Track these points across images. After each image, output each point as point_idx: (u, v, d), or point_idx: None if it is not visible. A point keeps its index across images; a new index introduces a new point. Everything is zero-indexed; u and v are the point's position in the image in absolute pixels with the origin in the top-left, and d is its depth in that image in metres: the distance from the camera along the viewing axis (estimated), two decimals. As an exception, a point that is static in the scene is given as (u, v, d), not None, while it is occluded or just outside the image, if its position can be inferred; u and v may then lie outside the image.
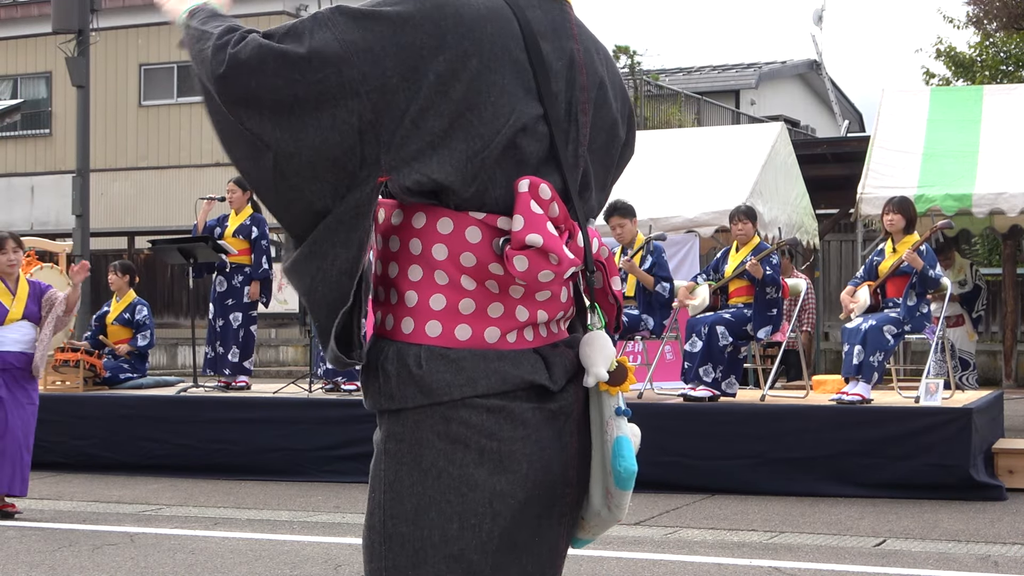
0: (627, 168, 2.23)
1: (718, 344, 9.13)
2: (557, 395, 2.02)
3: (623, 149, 2.21)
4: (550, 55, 2.01)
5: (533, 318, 2.01)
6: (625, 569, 6.48)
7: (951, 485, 8.41)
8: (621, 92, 2.18)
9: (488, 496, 1.97)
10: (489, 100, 1.93)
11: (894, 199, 9.48)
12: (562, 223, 1.98)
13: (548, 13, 2.05)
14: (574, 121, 2.04)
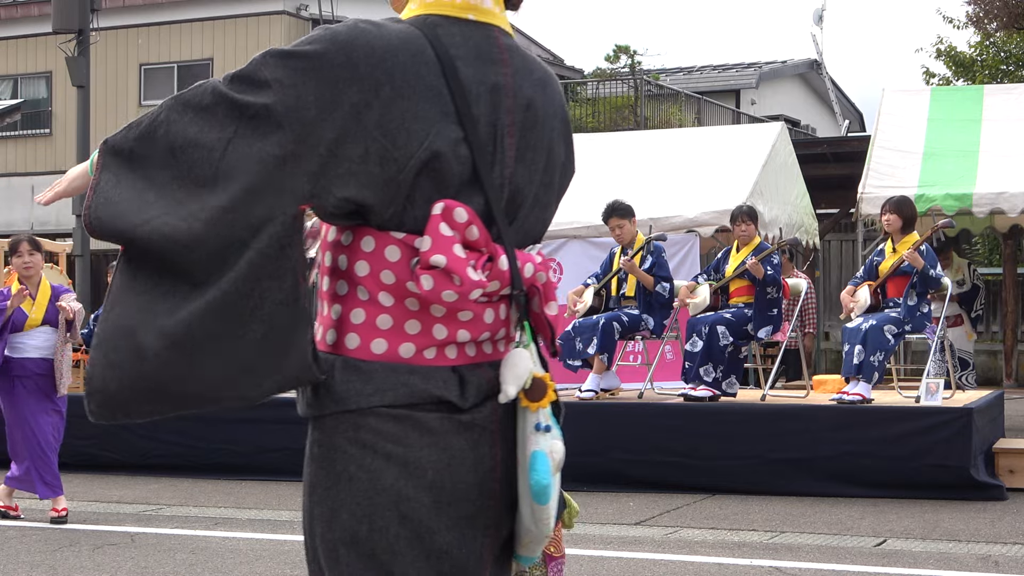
0: (628, 168, 2.25)
1: (718, 344, 9.12)
2: (471, 409, 2.09)
3: (563, 168, 2.27)
4: (470, 79, 2.08)
5: (452, 337, 2.08)
6: (625, 569, 6.48)
7: (952, 485, 8.41)
8: (560, 113, 2.24)
9: (394, 499, 2.05)
10: (403, 126, 2.02)
11: (891, 199, 9.47)
12: (482, 246, 2.05)
13: (471, 39, 2.13)
14: (500, 143, 2.10)
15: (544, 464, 2.04)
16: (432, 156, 2.03)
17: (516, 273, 2.09)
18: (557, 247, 12.40)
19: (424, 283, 2.01)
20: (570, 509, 2.37)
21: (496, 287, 2.07)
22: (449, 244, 2.01)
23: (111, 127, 24.84)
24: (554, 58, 30.94)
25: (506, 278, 2.08)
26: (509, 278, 2.08)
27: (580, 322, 9.57)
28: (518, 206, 2.15)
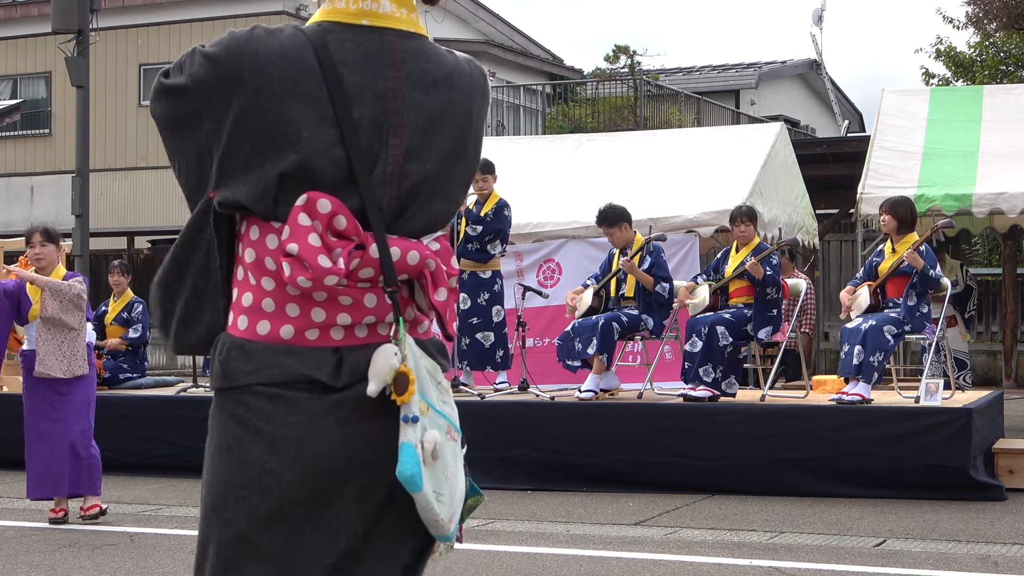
0: (627, 168, 2.27)
1: (718, 344, 9.12)
2: (345, 388, 2.22)
3: (469, 160, 2.41)
4: (355, 84, 2.23)
5: (333, 320, 2.23)
6: (625, 569, 6.49)
7: (951, 485, 8.41)
8: (468, 106, 2.36)
9: (259, 472, 2.21)
10: (279, 130, 2.19)
11: (888, 200, 9.47)
12: (352, 234, 2.20)
13: (362, 44, 2.26)
14: (384, 144, 2.25)
15: (409, 455, 2.14)
16: (302, 158, 2.20)
17: (388, 261, 2.23)
18: (557, 247, 12.41)
19: (285, 269, 2.17)
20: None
21: (370, 274, 2.22)
22: (304, 233, 2.16)
23: (110, 127, 24.94)
24: (554, 58, 30.93)
25: (378, 264, 2.22)
26: (380, 267, 2.22)
27: (579, 322, 9.57)
28: (411, 199, 2.29)
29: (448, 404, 2.31)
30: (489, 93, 2.44)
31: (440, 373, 2.29)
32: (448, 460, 2.23)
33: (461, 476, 2.31)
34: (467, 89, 2.36)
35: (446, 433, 2.24)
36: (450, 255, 2.34)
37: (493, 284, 10.51)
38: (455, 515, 2.26)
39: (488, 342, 10.47)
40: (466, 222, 10.34)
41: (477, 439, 9.31)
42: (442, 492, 2.20)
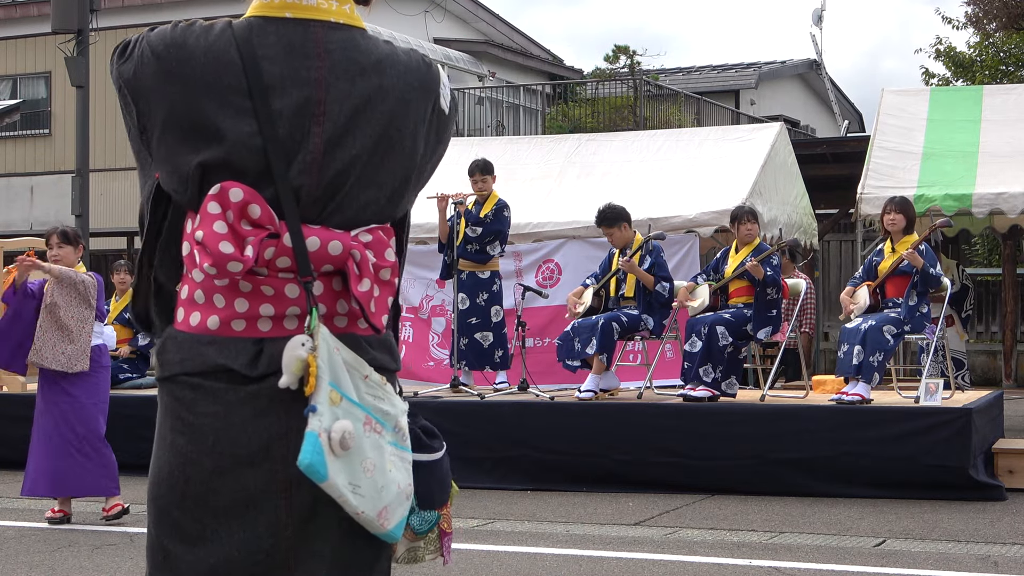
0: (627, 168, 2.25)
1: (718, 344, 9.12)
2: (262, 379, 2.24)
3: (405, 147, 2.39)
4: (275, 76, 2.28)
5: (256, 310, 2.26)
6: (625, 569, 6.49)
7: (951, 485, 8.41)
8: (401, 94, 2.36)
9: (182, 460, 2.26)
10: (200, 122, 2.26)
11: (895, 199, 9.47)
12: (267, 223, 2.23)
13: (286, 36, 2.31)
14: (306, 133, 2.28)
15: (311, 444, 2.13)
16: (222, 150, 2.25)
17: (302, 251, 2.25)
18: (556, 247, 12.40)
19: (197, 257, 2.22)
20: (453, 487, 2.51)
21: (287, 263, 2.24)
22: (211, 221, 2.21)
23: (110, 127, 24.93)
24: (553, 58, 30.94)
25: (291, 255, 2.25)
26: (295, 256, 2.24)
27: (579, 322, 9.57)
28: (336, 188, 2.30)
29: (383, 400, 2.28)
30: (436, 84, 2.43)
31: (367, 367, 2.27)
32: (367, 452, 2.20)
33: (398, 472, 2.27)
34: (400, 77, 2.37)
35: (364, 425, 2.22)
36: (385, 247, 2.34)
37: (492, 284, 10.51)
38: (389, 511, 2.24)
39: (487, 342, 10.47)
40: (466, 223, 10.34)
41: (477, 439, 9.38)
42: (359, 484, 2.18)
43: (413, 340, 12.78)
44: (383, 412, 2.28)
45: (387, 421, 2.29)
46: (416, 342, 12.78)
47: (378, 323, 2.32)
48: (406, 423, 2.36)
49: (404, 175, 2.40)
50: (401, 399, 2.37)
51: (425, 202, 11.22)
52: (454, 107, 2.51)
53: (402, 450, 2.31)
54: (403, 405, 2.36)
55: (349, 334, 2.30)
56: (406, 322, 12.79)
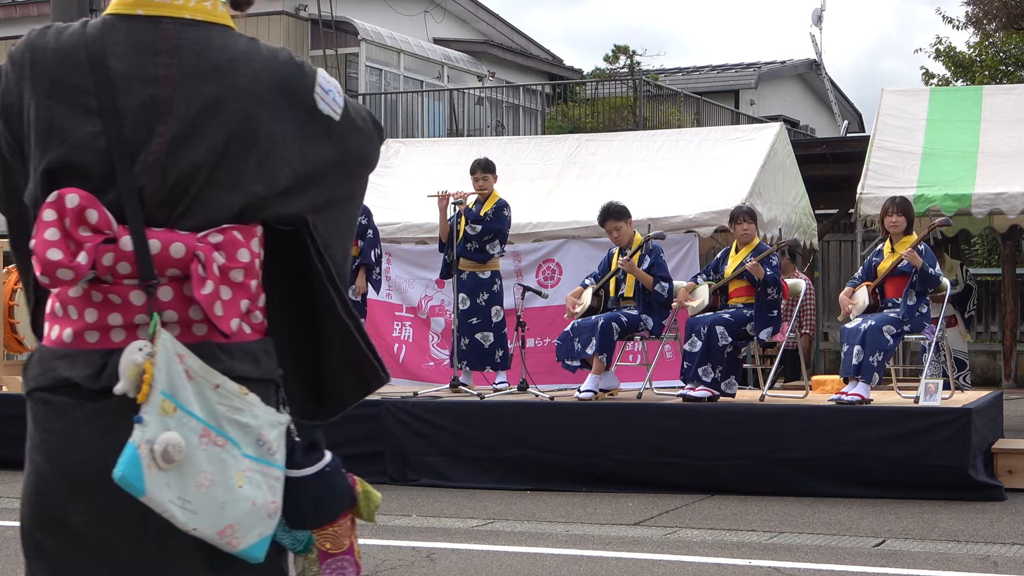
0: (627, 168, 2.17)
1: (717, 344, 9.12)
2: (108, 393, 2.14)
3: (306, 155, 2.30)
4: (122, 74, 2.21)
5: (104, 320, 2.19)
6: (624, 569, 6.48)
7: (950, 485, 8.41)
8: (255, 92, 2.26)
9: (38, 479, 2.21)
10: (51, 125, 2.20)
11: (896, 199, 9.46)
12: (104, 228, 2.15)
13: (135, 34, 2.25)
14: (151, 133, 2.21)
15: (127, 456, 2.04)
16: (65, 152, 2.19)
17: (143, 255, 2.16)
18: (556, 247, 12.41)
19: (35, 267, 2.14)
20: (367, 502, 2.38)
21: (128, 269, 2.16)
22: (44, 229, 2.12)
23: (110, 127, 24.92)
24: (553, 58, 30.94)
25: (132, 259, 2.17)
26: (136, 260, 2.17)
27: (579, 322, 9.57)
28: (183, 190, 2.21)
29: (241, 411, 2.16)
30: (308, 85, 2.32)
31: (218, 376, 2.15)
32: (202, 466, 2.09)
33: (255, 488, 2.15)
34: (256, 76, 2.27)
35: (200, 437, 2.10)
36: (238, 247, 2.23)
37: (492, 284, 10.51)
38: (237, 530, 2.13)
39: (487, 342, 10.47)
40: (465, 221, 10.35)
41: (476, 439, 9.39)
42: (189, 500, 2.08)
43: (413, 340, 12.78)
44: (240, 424, 2.16)
45: (245, 433, 2.16)
46: (416, 342, 12.79)
47: (225, 328, 2.19)
48: (277, 435, 2.22)
49: (264, 175, 2.27)
50: (278, 410, 2.24)
51: (424, 202, 11.24)
52: (350, 110, 2.38)
53: (266, 464, 2.19)
54: (273, 417, 2.22)
55: (206, 342, 2.20)
56: (406, 322, 12.80)
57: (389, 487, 9.39)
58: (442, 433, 9.47)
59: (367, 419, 9.70)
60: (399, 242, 12.87)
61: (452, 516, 8.22)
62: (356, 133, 2.40)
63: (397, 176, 13.88)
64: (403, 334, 12.85)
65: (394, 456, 9.57)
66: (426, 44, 26.73)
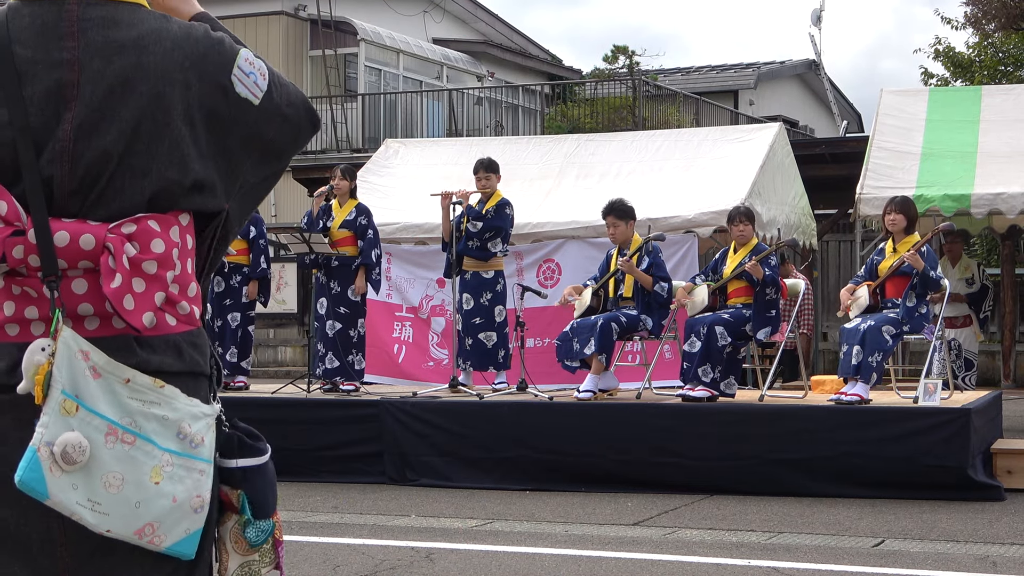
0: (626, 168, 2.13)
1: (717, 344, 9.12)
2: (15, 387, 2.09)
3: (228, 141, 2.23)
4: (26, 60, 2.14)
5: (21, 314, 2.13)
6: (623, 569, 6.49)
7: (950, 485, 8.41)
8: (167, 74, 2.18)
9: None
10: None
11: (895, 199, 9.46)
12: (13, 220, 2.09)
13: (39, 17, 2.17)
14: (58, 120, 2.13)
15: (27, 460, 2.00)
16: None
17: (46, 247, 2.09)
18: (556, 248, 12.41)
19: None
20: None
21: (38, 262, 2.09)
22: None
23: (109, 127, 24.88)
24: (552, 58, 30.95)
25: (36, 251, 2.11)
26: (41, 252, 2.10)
27: (578, 322, 9.57)
28: (94, 178, 2.14)
29: (157, 405, 2.11)
30: (226, 65, 2.23)
31: (126, 371, 2.10)
32: (110, 466, 2.04)
33: (175, 484, 2.10)
34: (167, 55, 2.18)
35: (106, 435, 2.05)
36: (152, 237, 2.14)
37: (496, 284, 10.52)
38: (158, 527, 2.08)
39: (491, 342, 10.48)
40: (467, 219, 10.35)
41: (476, 439, 9.39)
42: (99, 501, 2.03)
43: (413, 340, 12.78)
44: (158, 418, 2.10)
45: (164, 427, 2.10)
46: (416, 342, 12.79)
47: (136, 322, 2.11)
48: (202, 428, 2.16)
49: (180, 160, 2.19)
50: (207, 401, 2.19)
51: (423, 202, 11.24)
52: (275, 95, 2.27)
53: (188, 457, 2.12)
54: (196, 408, 2.16)
55: (123, 335, 2.13)
56: (406, 322, 12.80)
57: (388, 487, 9.40)
58: (441, 433, 9.47)
59: (366, 419, 9.71)
60: (399, 242, 12.87)
61: (451, 516, 8.22)
62: (277, 120, 2.29)
63: (396, 176, 13.88)
64: (403, 334, 12.85)
65: (393, 456, 9.57)
66: (425, 44, 26.74)
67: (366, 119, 24.63)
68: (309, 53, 24.77)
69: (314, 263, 10.52)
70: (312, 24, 24.48)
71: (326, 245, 10.32)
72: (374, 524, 7.96)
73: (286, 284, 19.60)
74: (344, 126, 24.13)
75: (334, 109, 23.99)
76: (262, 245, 10.93)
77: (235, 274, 10.79)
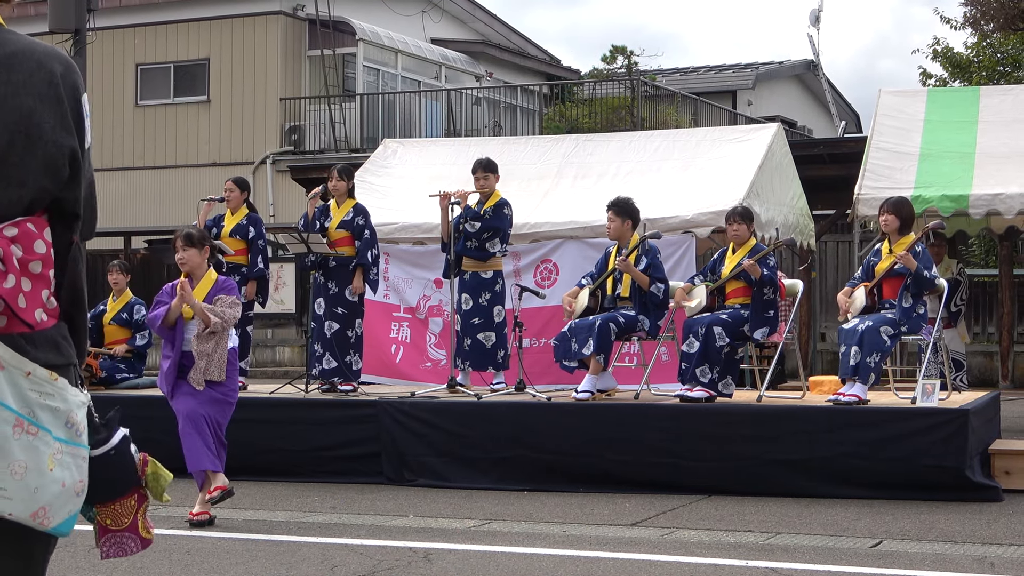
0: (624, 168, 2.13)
1: (715, 345, 9.12)
2: None
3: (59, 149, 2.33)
4: None
5: None
6: (622, 570, 6.48)
7: (947, 486, 8.41)
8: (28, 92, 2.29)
9: None
10: None
11: (889, 199, 9.47)
12: None
13: None
14: None
15: None
16: None
17: None
18: (554, 248, 12.40)
19: None
20: (156, 483, 2.53)
21: None
22: None
23: (107, 127, 24.90)
24: (551, 59, 30.94)
25: None
26: None
27: (576, 323, 9.57)
28: None
29: (52, 396, 2.23)
30: (80, 81, 2.39)
31: (28, 363, 2.21)
32: (16, 455, 2.16)
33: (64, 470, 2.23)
34: (35, 72, 2.30)
35: (13, 427, 2.16)
36: (34, 239, 2.26)
37: (495, 284, 10.51)
38: (49, 511, 2.20)
39: (490, 342, 10.48)
40: (466, 219, 10.35)
41: (474, 440, 9.39)
42: (5, 487, 2.15)
43: (410, 341, 12.77)
44: (51, 409, 2.22)
45: (56, 417, 2.23)
46: (413, 343, 12.78)
47: (30, 319, 2.24)
48: (82, 416, 2.29)
49: (51, 169, 2.32)
50: (80, 391, 2.31)
51: (422, 202, 11.24)
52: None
53: (75, 446, 2.26)
54: (78, 398, 2.29)
55: (8, 335, 2.22)
56: (403, 322, 12.79)
57: (386, 487, 9.39)
58: (439, 433, 9.47)
59: (364, 419, 9.70)
60: (397, 242, 12.86)
61: (449, 516, 8.22)
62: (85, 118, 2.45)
63: (394, 176, 13.87)
64: (400, 335, 12.84)
65: (391, 456, 9.57)
66: (424, 44, 26.73)
67: (364, 119, 24.62)
68: (307, 53, 24.76)
69: (312, 263, 10.51)
70: (310, 24, 24.47)
71: (324, 245, 10.32)
72: (372, 524, 7.96)
73: (284, 284, 19.61)
74: (342, 126, 24.12)
75: (332, 109, 23.99)
76: (260, 245, 10.92)
77: (233, 274, 10.77)
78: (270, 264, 11.25)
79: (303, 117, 24.44)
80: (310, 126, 24.48)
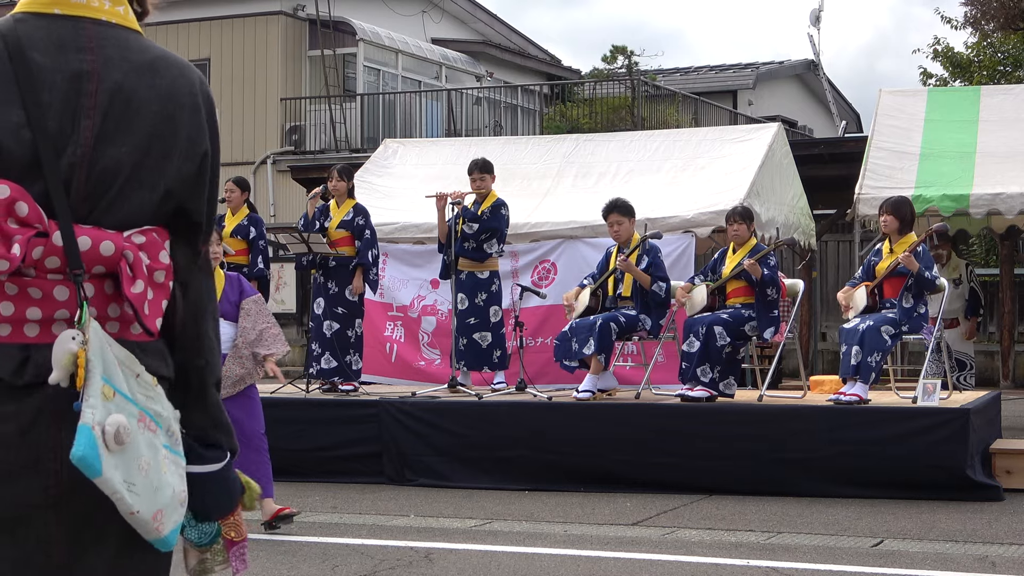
0: (624, 168, 2.14)
1: (716, 344, 9.12)
2: (30, 387, 2.13)
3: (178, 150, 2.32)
4: (45, 68, 2.22)
5: (22, 314, 2.16)
6: (622, 569, 6.49)
7: (948, 485, 8.42)
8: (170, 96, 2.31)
9: None
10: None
11: (889, 200, 9.46)
12: (35, 222, 2.14)
13: (55, 32, 2.26)
14: (76, 127, 2.22)
15: (84, 437, 2.03)
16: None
17: (73, 250, 2.15)
18: (553, 248, 12.40)
19: None
20: (250, 491, 2.44)
21: (56, 263, 2.15)
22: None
23: (108, 127, 24.86)
24: (551, 59, 30.94)
25: (63, 253, 2.16)
26: (66, 254, 2.15)
27: (577, 322, 9.57)
28: (106, 186, 2.23)
29: (155, 401, 2.20)
30: (208, 90, 2.42)
31: (139, 365, 2.19)
32: (142, 450, 2.12)
33: (172, 476, 2.19)
34: (175, 79, 2.33)
35: (139, 421, 2.13)
36: (159, 249, 2.26)
37: (491, 284, 10.51)
38: (163, 515, 2.16)
39: (485, 342, 10.47)
40: (463, 220, 10.35)
41: (475, 439, 9.39)
42: (134, 482, 2.10)
43: (404, 339, 12.78)
44: (156, 413, 2.20)
45: (160, 422, 2.20)
46: (407, 341, 12.78)
47: (151, 326, 2.23)
48: (179, 429, 2.27)
49: (183, 178, 2.33)
50: (172, 406, 2.29)
51: (422, 202, 11.23)
52: None
53: (175, 455, 2.23)
54: (173, 411, 2.26)
55: (120, 340, 2.21)
56: (396, 321, 12.80)
57: (387, 487, 9.39)
58: (440, 433, 9.47)
59: (365, 419, 9.71)
60: (396, 242, 12.86)
61: (450, 516, 8.22)
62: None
63: (395, 176, 13.88)
64: (395, 333, 12.85)
65: (392, 456, 9.57)
66: (424, 44, 26.73)
67: (365, 119, 24.63)
68: (308, 53, 24.77)
69: (312, 263, 10.52)
70: (311, 24, 24.48)
71: (325, 245, 10.32)
72: (373, 524, 7.96)
73: (285, 284, 19.61)
74: (343, 126, 24.13)
75: (333, 109, 23.99)
76: (261, 246, 10.92)
77: (234, 274, 10.77)
78: (271, 264, 11.25)
79: (303, 117, 24.45)
80: (310, 126, 24.49)
